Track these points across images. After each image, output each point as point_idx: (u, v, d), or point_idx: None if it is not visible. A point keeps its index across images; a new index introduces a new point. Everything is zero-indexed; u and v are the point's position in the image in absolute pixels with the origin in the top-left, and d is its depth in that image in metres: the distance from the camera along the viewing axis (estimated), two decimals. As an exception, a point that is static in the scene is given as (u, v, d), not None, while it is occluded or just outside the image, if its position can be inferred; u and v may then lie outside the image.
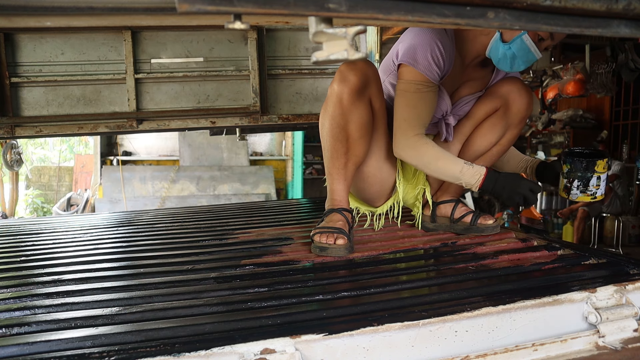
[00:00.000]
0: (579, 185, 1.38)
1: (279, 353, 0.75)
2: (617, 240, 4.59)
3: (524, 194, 1.32)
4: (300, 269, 1.19)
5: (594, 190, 1.38)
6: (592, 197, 1.39)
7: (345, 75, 1.27)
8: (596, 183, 1.37)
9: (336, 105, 1.30)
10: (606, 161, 1.37)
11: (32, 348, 0.77)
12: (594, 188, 1.38)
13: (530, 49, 1.27)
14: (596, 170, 1.36)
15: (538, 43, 1.28)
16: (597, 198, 1.40)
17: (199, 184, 6.21)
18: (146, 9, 0.55)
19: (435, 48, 1.30)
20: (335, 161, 1.38)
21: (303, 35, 2.66)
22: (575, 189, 1.39)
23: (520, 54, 1.29)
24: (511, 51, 1.29)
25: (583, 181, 1.38)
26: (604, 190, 1.40)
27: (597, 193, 1.39)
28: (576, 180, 1.39)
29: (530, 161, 1.57)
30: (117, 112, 2.48)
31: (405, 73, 1.33)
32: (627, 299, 0.96)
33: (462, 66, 1.43)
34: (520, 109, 1.43)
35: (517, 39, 1.27)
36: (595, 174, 1.36)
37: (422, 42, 1.30)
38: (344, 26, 0.52)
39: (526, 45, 1.27)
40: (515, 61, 1.30)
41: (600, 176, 1.37)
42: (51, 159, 9.60)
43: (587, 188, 1.38)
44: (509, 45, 1.29)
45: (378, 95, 1.37)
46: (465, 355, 0.84)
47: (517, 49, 1.28)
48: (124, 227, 1.90)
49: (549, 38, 1.29)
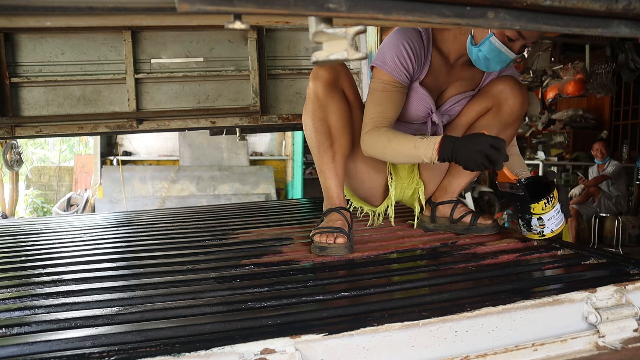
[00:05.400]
0: (523, 224, 1.33)
1: (279, 353, 0.75)
2: (617, 240, 4.59)
3: (485, 151, 1.14)
4: (300, 269, 1.19)
5: (539, 230, 1.30)
6: (540, 235, 1.31)
7: (317, 72, 1.38)
8: (538, 223, 1.29)
9: (314, 101, 1.38)
10: (544, 202, 1.25)
11: (32, 348, 0.77)
12: (538, 227, 1.29)
13: (501, 50, 1.25)
14: (533, 212, 1.28)
15: (509, 43, 1.25)
16: (545, 236, 1.30)
17: (199, 184, 6.21)
18: (146, 9, 0.55)
19: (402, 49, 1.32)
20: (324, 155, 1.42)
21: (303, 35, 2.66)
22: (521, 226, 1.34)
23: (491, 55, 1.28)
24: (482, 53, 1.29)
25: (524, 221, 1.32)
26: (555, 227, 1.29)
27: (545, 231, 1.29)
28: (519, 219, 1.34)
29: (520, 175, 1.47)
30: (117, 112, 2.48)
31: (375, 73, 1.38)
32: (627, 299, 0.96)
33: (446, 66, 1.43)
34: (513, 108, 1.41)
35: (485, 41, 1.26)
36: (534, 216, 1.28)
37: (390, 44, 1.35)
38: (344, 26, 0.52)
39: (495, 47, 1.25)
40: (490, 62, 1.30)
41: (542, 217, 1.27)
42: (51, 159, 9.60)
43: (530, 227, 1.31)
44: (479, 47, 1.28)
45: (350, 88, 1.44)
46: (465, 355, 0.84)
47: (487, 51, 1.27)
48: (124, 227, 1.90)
49: (520, 38, 1.24)
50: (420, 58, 1.36)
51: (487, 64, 1.31)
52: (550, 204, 1.27)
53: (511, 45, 1.25)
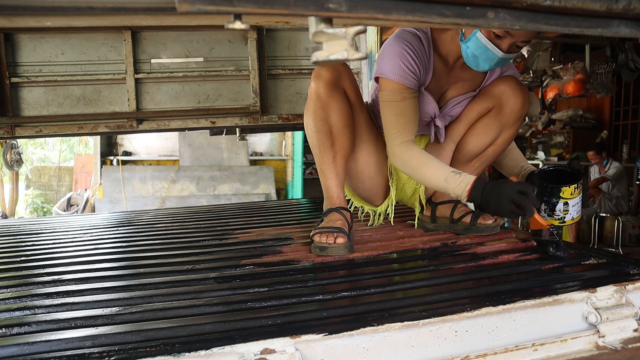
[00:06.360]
0: (545, 209, 1.32)
1: (279, 353, 0.75)
2: (617, 240, 4.59)
3: (512, 198, 1.18)
4: (300, 269, 1.19)
5: (562, 215, 1.30)
6: (561, 221, 1.31)
7: (319, 72, 1.37)
8: (563, 208, 1.29)
9: (316, 101, 1.38)
10: (575, 187, 1.28)
11: (32, 348, 0.77)
12: (562, 213, 1.30)
13: (488, 47, 1.24)
14: (562, 196, 1.28)
15: (496, 40, 1.23)
16: (566, 223, 1.31)
17: (199, 184, 6.21)
18: (146, 9, 0.56)
19: (406, 54, 1.32)
20: (324, 155, 1.42)
21: (303, 35, 2.66)
22: (542, 211, 1.33)
23: (478, 52, 1.27)
24: (470, 50, 1.28)
25: (549, 205, 1.31)
26: (575, 215, 1.31)
27: (566, 218, 1.30)
28: (543, 204, 1.33)
29: (525, 169, 1.52)
30: (117, 112, 2.48)
31: (383, 85, 1.36)
32: (627, 299, 0.96)
33: (446, 68, 1.43)
34: (514, 108, 1.41)
35: (471, 37, 1.26)
36: (561, 200, 1.28)
37: (393, 53, 1.33)
38: (344, 26, 0.52)
39: (481, 43, 1.25)
40: (479, 60, 1.29)
41: (569, 202, 1.29)
42: (51, 159, 9.60)
43: (553, 212, 1.30)
44: (466, 43, 1.28)
45: (352, 88, 1.43)
46: (465, 355, 0.84)
47: (474, 47, 1.27)
48: (124, 227, 1.90)
49: (507, 36, 1.22)
50: (424, 63, 1.36)
51: (475, 62, 1.31)
52: (578, 190, 1.30)
53: (499, 43, 1.24)
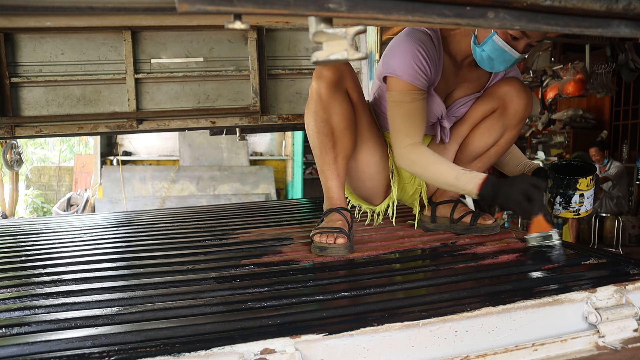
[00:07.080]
0: (561, 202, 1.35)
1: (279, 353, 0.75)
2: (617, 240, 4.59)
3: (525, 189, 1.18)
4: (300, 269, 1.19)
5: (577, 207, 1.33)
6: (575, 213, 1.34)
7: (320, 72, 1.33)
8: (579, 200, 1.33)
9: (317, 101, 1.35)
10: (590, 179, 1.31)
11: (32, 348, 0.77)
12: (577, 205, 1.33)
13: (505, 49, 1.25)
14: (578, 188, 1.31)
15: (512, 42, 1.24)
16: (580, 215, 1.35)
17: (199, 184, 6.21)
18: (146, 9, 0.56)
19: (418, 54, 1.30)
20: (325, 156, 1.40)
21: (303, 35, 2.66)
22: (557, 204, 1.36)
23: (495, 55, 1.27)
24: (485, 53, 1.28)
25: (565, 198, 1.34)
26: (589, 207, 1.34)
27: (581, 210, 1.34)
28: (558, 197, 1.35)
29: (528, 165, 1.54)
30: (117, 112, 2.49)
31: (392, 84, 1.34)
32: (627, 299, 0.96)
33: (454, 68, 1.43)
34: (518, 109, 1.41)
35: (488, 40, 1.26)
36: (577, 192, 1.32)
37: (404, 51, 1.31)
38: (344, 26, 0.52)
39: (498, 46, 1.25)
40: (494, 62, 1.29)
41: (584, 193, 1.32)
42: (51, 159, 9.61)
43: (569, 205, 1.34)
44: (482, 47, 1.28)
45: (354, 88, 1.41)
46: (465, 355, 0.84)
47: (490, 50, 1.27)
48: (124, 227, 1.90)
49: (524, 37, 1.23)
50: (435, 63, 1.35)
51: (491, 64, 1.31)
52: (593, 182, 1.32)
53: (515, 44, 1.24)
